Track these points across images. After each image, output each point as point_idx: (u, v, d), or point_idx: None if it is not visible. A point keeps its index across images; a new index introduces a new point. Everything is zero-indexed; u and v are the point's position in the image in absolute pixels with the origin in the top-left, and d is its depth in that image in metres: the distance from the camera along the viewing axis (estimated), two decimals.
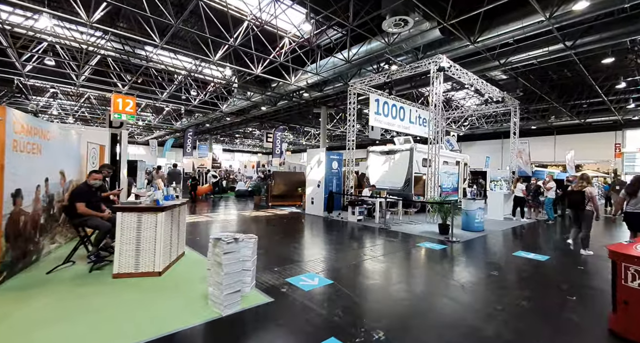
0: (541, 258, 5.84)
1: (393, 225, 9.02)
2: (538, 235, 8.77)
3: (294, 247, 6.36)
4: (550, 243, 7.51)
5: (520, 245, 7.09)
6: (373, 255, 5.70)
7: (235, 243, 3.21)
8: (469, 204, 8.58)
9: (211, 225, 8.49)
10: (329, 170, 11.93)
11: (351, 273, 4.73)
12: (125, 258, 4.06)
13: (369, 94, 13.14)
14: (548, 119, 25.81)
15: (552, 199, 10.63)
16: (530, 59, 12.52)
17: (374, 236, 7.69)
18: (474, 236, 7.86)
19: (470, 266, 5.30)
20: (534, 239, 8.10)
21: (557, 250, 6.68)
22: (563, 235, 8.45)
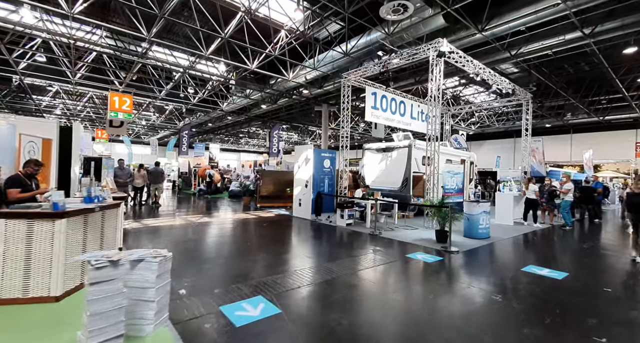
0: (557, 275, 4.72)
1: (386, 231, 7.97)
2: (553, 244, 7.59)
3: (258, 259, 5.38)
4: (568, 255, 6.35)
5: (531, 258, 5.97)
6: (349, 271, 4.67)
7: (112, 267, 2.24)
8: (471, 208, 7.46)
9: (175, 231, 7.57)
10: (320, 169, 10.93)
11: (310, 298, 3.72)
12: (9, 280, 3.13)
13: (365, 86, 12.09)
14: (563, 116, 24.35)
15: (569, 202, 9.40)
16: (545, 48, 11.31)
17: (360, 244, 6.66)
18: (476, 245, 6.74)
19: (467, 287, 4.22)
20: (548, 249, 6.93)
21: (577, 265, 5.53)
22: (582, 244, 7.25)
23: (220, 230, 7.73)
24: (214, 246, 6.10)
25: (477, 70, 9.95)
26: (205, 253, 5.48)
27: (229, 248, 5.91)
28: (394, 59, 9.94)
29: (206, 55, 12.80)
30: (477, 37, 10.34)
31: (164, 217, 9.24)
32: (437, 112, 8.97)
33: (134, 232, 6.98)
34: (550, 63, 14.38)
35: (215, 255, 5.44)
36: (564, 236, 8.49)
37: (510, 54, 11.93)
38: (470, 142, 34.18)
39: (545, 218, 10.27)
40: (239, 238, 6.94)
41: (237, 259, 5.21)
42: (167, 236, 6.83)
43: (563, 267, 5.19)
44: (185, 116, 30.71)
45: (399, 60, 9.83)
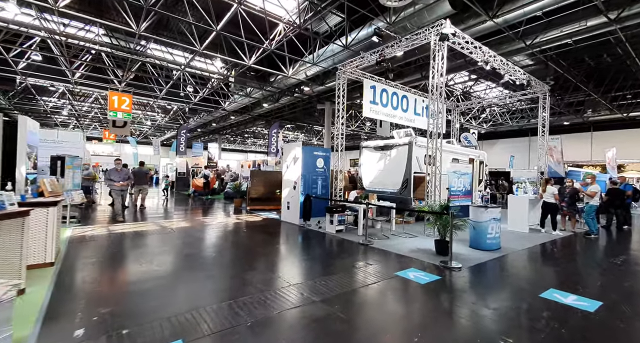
0: (588, 305, 3.62)
1: (380, 239, 6.94)
2: (577, 257, 6.42)
3: (212, 277, 4.44)
4: (597, 274, 5.20)
5: (552, 277, 4.86)
6: (315, 298, 3.67)
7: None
8: (478, 214, 6.37)
9: (137, 240, 6.70)
10: (312, 169, 9.95)
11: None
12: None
13: (363, 79, 11.08)
14: (583, 113, 22.83)
15: (595, 206, 8.17)
16: (563, 37, 10.13)
17: (344, 258, 5.66)
18: (484, 258, 5.65)
19: (467, 322, 3.19)
20: (572, 265, 5.78)
21: (612, 288, 4.40)
22: (613, 258, 6.05)
23: (190, 237, 6.83)
24: (170, 259, 5.19)
25: (487, 58, 8.82)
26: (152, 269, 4.57)
27: (185, 262, 4.99)
28: (394, 49, 8.87)
29: (200, 50, 12.18)
30: (488, 25, 9.30)
31: (137, 222, 8.41)
32: (439, 106, 7.89)
33: (86, 241, 6.14)
34: (569, 55, 13.07)
35: (165, 271, 4.52)
36: (590, 247, 7.29)
37: (525, 43, 10.81)
38: (482, 141, 32.77)
39: (566, 224, 9.05)
40: (206, 249, 6.02)
41: (185, 279, 4.28)
42: (122, 246, 5.96)
43: (594, 292, 4.09)
44: (188, 116, 30.35)
45: (398, 48, 8.77)
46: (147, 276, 4.25)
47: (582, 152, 26.83)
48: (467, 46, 8.43)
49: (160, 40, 13.14)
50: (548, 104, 12.30)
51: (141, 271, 4.48)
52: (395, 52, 9.07)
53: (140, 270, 4.51)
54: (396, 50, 8.92)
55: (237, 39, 11.32)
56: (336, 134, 10.77)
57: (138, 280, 4.10)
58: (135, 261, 5.02)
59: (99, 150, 46.46)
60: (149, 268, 4.60)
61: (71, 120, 35.39)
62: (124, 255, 5.31)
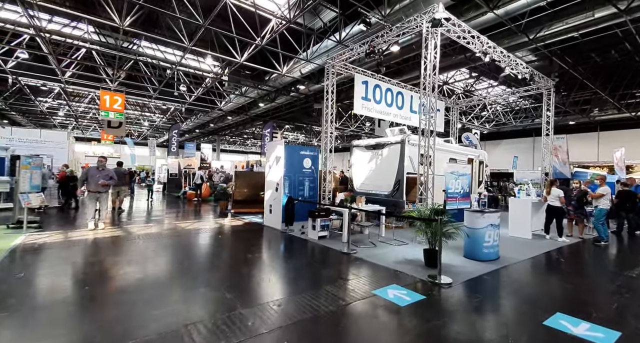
0: (604, 337, 2.91)
1: (365, 247, 6.25)
2: (587, 270, 5.69)
3: (156, 294, 3.76)
4: (612, 292, 4.45)
5: (558, 297, 4.13)
6: (265, 326, 2.99)
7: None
8: (474, 219, 5.66)
9: (90, 249, 6.04)
10: (298, 170, 9.29)
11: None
12: None
13: (354, 74, 10.41)
14: (590, 112, 22.01)
15: (605, 210, 7.41)
16: (569, 30, 9.44)
17: (320, 270, 4.97)
18: (479, 271, 4.93)
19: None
20: (581, 281, 5.03)
21: (633, 313, 3.66)
22: (629, 271, 5.30)
23: (152, 247, 6.15)
24: (110, 276, 4.50)
25: (485, 48, 8.10)
26: (80, 289, 3.91)
27: (124, 281, 4.29)
28: (385, 38, 8.18)
29: (189, 47, 11.65)
30: (488, 17, 8.65)
31: (105, 228, 7.76)
32: (432, 100, 7.19)
33: (32, 250, 5.48)
34: (575, 50, 12.29)
35: (90, 294, 3.82)
36: (600, 256, 6.54)
37: (529, 37, 10.12)
38: (484, 142, 32.02)
39: (573, 230, 8.29)
40: (162, 263, 5.33)
41: (109, 303, 3.61)
42: (66, 257, 5.25)
43: (610, 318, 3.36)
44: (185, 116, 29.86)
45: (388, 37, 8.07)
46: (68, 298, 3.57)
47: (589, 153, 26.09)
48: (465, 35, 7.73)
49: (149, 37, 12.61)
50: (553, 101, 11.54)
51: (64, 290, 3.81)
52: (386, 44, 8.36)
53: (63, 289, 3.84)
54: (387, 41, 8.22)
55: (228, 35, 10.92)
56: (324, 132, 10.09)
57: (53, 304, 3.40)
58: (67, 277, 4.34)
59: (98, 152, 46.21)
60: (76, 288, 3.93)
61: (69, 121, 35.10)
62: (58, 270, 4.57)
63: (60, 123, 35.66)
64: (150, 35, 11.77)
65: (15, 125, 21.56)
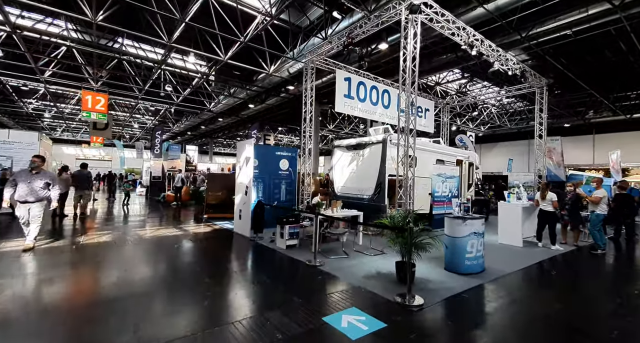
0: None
1: (337, 257, 5.59)
2: (582, 283, 5.03)
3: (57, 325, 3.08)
4: (614, 314, 3.80)
5: (550, 323, 3.47)
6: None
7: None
8: (454, 227, 5.01)
9: (16, 263, 5.35)
10: (274, 171, 8.65)
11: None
12: None
13: (336, 69, 9.80)
14: (585, 114, 21.61)
15: (602, 216, 6.80)
16: (562, 27, 8.94)
17: (273, 288, 4.27)
18: (458, 288, 4.27)
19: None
20: (576, 300, 4.37)
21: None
22: (633, 285, 4.66)
23: (86, 259, 5.44)
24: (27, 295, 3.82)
25: (471, 41, 7.49)
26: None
27: (44, 299, 3.61)
28: (363, 29, 7.55)
29: (169, 43, 11.03)
30: (478, 13, 8.14)
31: (47, 237, 7.02)
32: (413, 96, 6.56)
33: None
34: (568, 51, 11.69)
35: None
36: (597, 267, 5.91)
37: (521, 35, 9.64)
38: (480, 144, 31.60)
39: (568, 236, 7.67)
40: (102, 275, 4.65)
41: None
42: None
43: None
44: (176, 118, 29.19)
45: (366, 27, 7.45)
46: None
47: (584, 155, 25.80)
48: (449, 26, 7.12)
49: (130, 34, 11.91)
50: (545, 100, 10.96)
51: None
52: (365, 35, 7.75)
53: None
54: (366, 32, 7.60)
55: (211, 32, 10.34)
56: (303, 132, 9.44)
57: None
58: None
59: (90, 154, 45.39)
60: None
61: (57, 123, 34.31)
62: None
63: (48, 125, 34.89)
64: (126, 30, 11.08)
65: (2, 128, 20.77)
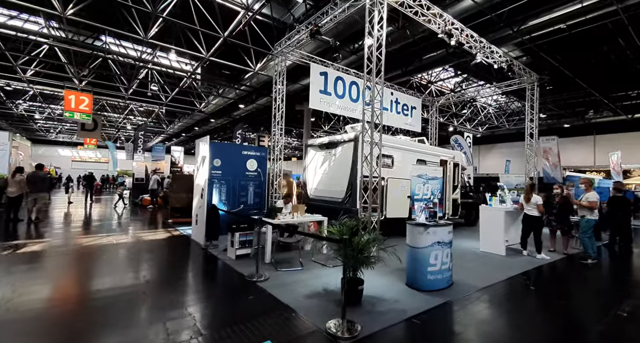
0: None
1: (287, 270, 4.91)
2: (566, 302, 4.31)
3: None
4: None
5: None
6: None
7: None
8: (416, 235, 4.33)
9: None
10: (240, 172, 7.98)
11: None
12: None
13: (310, 63, 9.17)
14: (585, 114, 20.89)
15: (593, 221, 6.09)
16: (557, 21, 8.31)
17: (189, 311, 3.61)
18: (415, 309, 3.59)
19: None
20: (556, 325, 3.65)
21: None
22: (618, 306, 3.95)
23: (10, 269, 4.82)
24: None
25: (448, 29, 6.82)
26: None
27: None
28: (329, 16, 6.92)
29: (146, 39, 10.49)
30: (466, 5, 7.60)
31: None
32: (379, 88, 5.90)
33: None
34: (564, 47, 10.95)
35: None
36: (585, 281, 5.20)
37: (512, 30, 9.04)
38: (478, 146, 30.94)
39: (557, 243, 6.95)
40: None
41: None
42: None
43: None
44: (169, 119, 28.68)
45: (333, 14, 6.81)
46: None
47: (585, 157, 25.07)
48: (423, 12, 6.46)
49: (102, 29, 11.32)
50: (537, 96, 10.28)
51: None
52: (332, 22, 7.11)
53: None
54: (333, 19, 6.96)
55: (191, 28, 9.92)
56: (274, 128, 8.80)
57: None
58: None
59: (85, 156, 44.99)
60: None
61: (50, 125, 33.90)
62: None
63: (41, 127, 34.51)
64: (100, 25, 10.49)
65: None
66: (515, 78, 10.44)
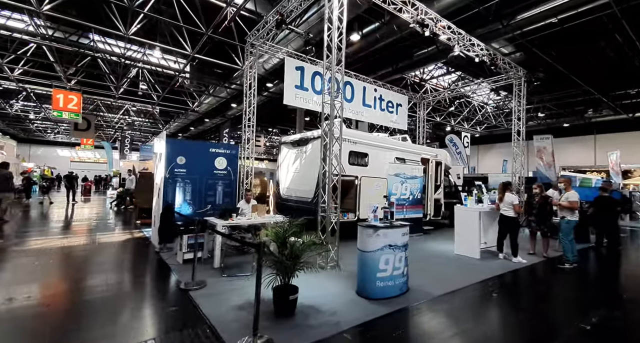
0: None
1: (232, 278, 4.52)
2: (529, 313, 3.87)
3: None
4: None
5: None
6: None
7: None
8: (364, 238, 3.94)
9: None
10: (207, 171, 7.59)
11: None
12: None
13: (285, 57, 8.82)
14: (584, 113, 20.35)
15: (574, 222, 5.66)
16: (548, 14, 7.94)
17: (82, 335, 3.25)
18: (350, 321, 3.19)
19: None
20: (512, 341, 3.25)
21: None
22: (583, 319, 3.52)
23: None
24: None
25: (420, 18, 6.42)
26: None
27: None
28: (296, 3, 6.53)
29: (127, 35, 10.21)
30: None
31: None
32: (338, 76, 5.50)
33: None
34: (558, 43, 10.48)
35: None
36: (559, 288, 4.76)
37: (502, 24, 8.64)
38: (477, 145, 30.55)
39: (537, 246, 6.51)
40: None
41: None
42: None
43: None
44: (166, 119, 28.48)
45: (297, 1, 6.43)
46: None
47: (585, 157, 24.62)
48: (393, 0, 6.06)
49: (85, 25, 11.01)
50: (524, 93, 9.83)
51: None
52: (297, 10, 6.72)
53: None
54: (299, 7, 6.58)
55: (176, 24, 9.68)
56: (244, 126, 8.45)
57: None
58: None
59: (84, 156, 44.90)
60: None
61: (46, 125, 33.90)
62: None
63: (38, 127, 34.49)
64: (77, 21, 10.18)
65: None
66: (502, 73, 9.99)
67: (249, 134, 8.38)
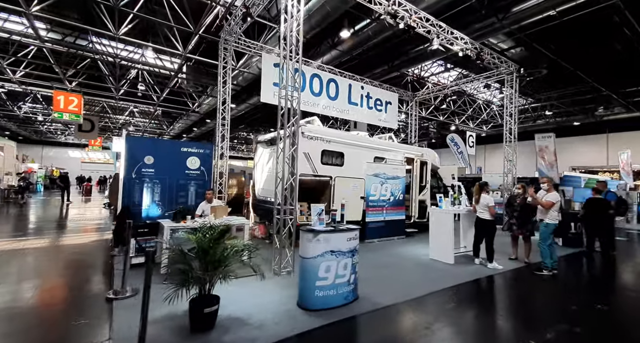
0: None
1: (168, 287, 4.26)
2: (485, 328, 3.48)
3: None
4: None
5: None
6: None
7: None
8: (304, 243, 3.62)
9: None
10: (178, 171, 7.38)
11: None
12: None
13: (262, 53, 8.56)
14: (594, 111, 19.43)
15: (553, 226, 5.19)
16: (546, 7, 7.43)
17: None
18: (271, 337, 2.89)
19: None
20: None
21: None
22: (536, 334, 3.10)
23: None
24: None
25: (395, 10, 6.04)
26: None
27: None
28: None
29: (117, 35, 10.13)
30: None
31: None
32: (295, 66, 5.19)
33: None
34: (559, 36, 9.87)
35: None
36: (529, 298, 4.33)
37: (497, 18, 8.20)
38: (484, 145, 29.62)
39: (519, 250, 6.04)
40: None
41: None
42: None
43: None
44: (170, 120, 28.67)
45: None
46: None
47: (597, 156, 23.58)
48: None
49: (70, 25, 10.99)
50: (516, 88, 9.31)
51: None
52: (263, 3, 6.44)
53: None
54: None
55: (165, 23, 9.45)
56: (218, 125, 8.22)
57: None
58: None
59: (94, 157, 45.68)
60: None
61: (56, 127, 34.53)
62: None
63: (47, 129, 35.20)
64: (67, 21, 10.14)
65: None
66: (497, 70, 9.49)
67: (223, 131, 8.14)
